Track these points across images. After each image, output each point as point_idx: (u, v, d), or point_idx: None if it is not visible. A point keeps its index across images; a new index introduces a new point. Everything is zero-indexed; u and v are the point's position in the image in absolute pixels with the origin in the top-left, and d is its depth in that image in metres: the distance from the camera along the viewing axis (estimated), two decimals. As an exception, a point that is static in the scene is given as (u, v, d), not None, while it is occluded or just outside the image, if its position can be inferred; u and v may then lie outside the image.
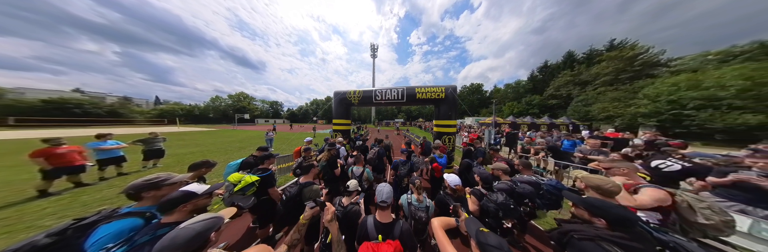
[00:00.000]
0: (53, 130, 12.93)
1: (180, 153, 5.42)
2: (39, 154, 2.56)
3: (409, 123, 35.52)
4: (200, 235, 0.58)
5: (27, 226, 1.87)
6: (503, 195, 1.19)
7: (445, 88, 3.58)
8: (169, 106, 33.52)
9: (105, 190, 2.76)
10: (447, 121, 3.61)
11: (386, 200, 0.94)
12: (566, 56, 25.66)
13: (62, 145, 2.73)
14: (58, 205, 2.28)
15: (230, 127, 21.72)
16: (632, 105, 11.83)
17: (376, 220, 0.91)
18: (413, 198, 1.21)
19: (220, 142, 8.20)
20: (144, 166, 3.81)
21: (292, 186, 1.32)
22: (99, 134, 3.28)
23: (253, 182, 1.32)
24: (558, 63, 26.57)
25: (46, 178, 2.58)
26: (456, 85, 3.81)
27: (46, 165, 2.58)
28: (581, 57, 24.07)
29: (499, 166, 1.53)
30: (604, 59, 17.67)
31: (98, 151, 3.18)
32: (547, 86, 23.73)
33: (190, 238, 0.56)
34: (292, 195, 1.22)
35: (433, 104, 3.92)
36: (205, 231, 0.59)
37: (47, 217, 2.03)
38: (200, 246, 0.58)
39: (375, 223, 0.90)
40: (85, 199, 2.46)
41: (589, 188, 0.96)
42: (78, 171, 2.82)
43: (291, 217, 1.28)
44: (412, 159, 2.18)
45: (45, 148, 2.61)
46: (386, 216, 0.93)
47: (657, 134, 3.96)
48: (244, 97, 41.51)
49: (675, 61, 14.73)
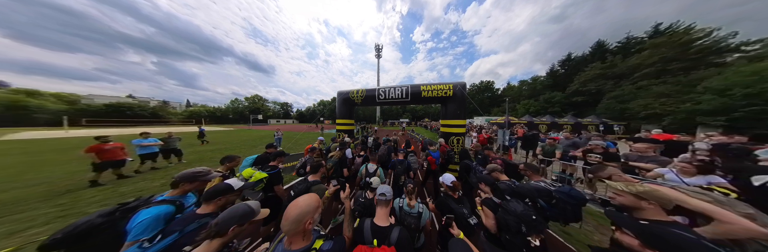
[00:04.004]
0: (111, 129, 15.28)
1: (201, 150, 6.03)
2: (91, 150, 3.00)
3: (414, 123, 34.76)
4: (252, 213, 0.70)
5: (77, 211, 2.17)
6: (520, 203, 0.99)
7: (452, 85, 3.37)
8: (196, 109, 38.91)
9: (139, 183, 3.12)
10: (455, 120, 3.39)
11: (386, 193, 0.93)
12: (595, 47, 22.81)
13: (109, 142, 3.17)
14: (102, 195, 2.63)
15: (246, 126, 23.99)
16: (688, 101, 9.83)
17: (373, 222, 0.89)
18: (405, 202, 1.12)
19: (236, 140, 8.87)
20: (170, 162, 4.23)
21: (300, 183, 1.36)
22: (142, 132, 3.75)
23: (261, 179, 1.41)
24: (584, 55, 23.74)
25: (96, 170, 3.00)
26: (465, 82, 3.54)
27: (97, 159, 3.00)
28: (614, 47, 21.13)
29: (493, 167, 1.44)
30: (648, 47, 15.03)
31: (140, 147, 3.62)
32: (571, 82, 21.19)
33: (247, 212, 0.68)
34: (300, 192, 1.25)
35: (439, 103, 3.72)
36: (252, 211, 0.70)
37: (92, 204, 2.35)
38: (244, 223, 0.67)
39: (372, 227, 0.87)
40: (123, 189, 2.81)
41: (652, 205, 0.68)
42: (120, 165, 3.24)
43: None
44: (408, 158, 2.25)
45: (96, 144, 3.05)
46: (384, 217, 0.90)
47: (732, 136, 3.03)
48: (258, 99, 45.73)
49: (754, 44, 11.80)
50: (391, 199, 0.95)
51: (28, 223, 1.93)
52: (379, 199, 0.93)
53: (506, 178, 1.38)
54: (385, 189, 0.97)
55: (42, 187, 2.93)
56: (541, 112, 20.75)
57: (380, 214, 0.91)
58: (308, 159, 2.08)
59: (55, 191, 2.75)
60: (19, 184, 3.09)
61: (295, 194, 1.26)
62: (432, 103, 3.93)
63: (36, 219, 2.00)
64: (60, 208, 2.25)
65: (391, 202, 0.96)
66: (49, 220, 1.97)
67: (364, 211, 1.10)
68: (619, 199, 0.77)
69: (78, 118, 22.20)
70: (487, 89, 38.01)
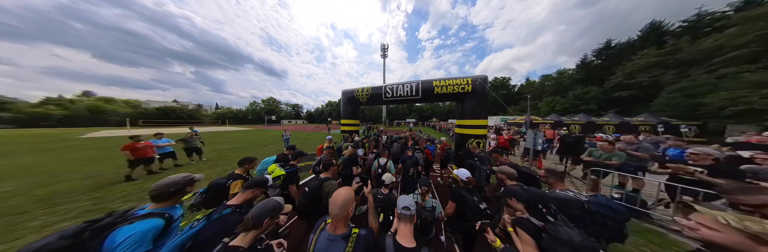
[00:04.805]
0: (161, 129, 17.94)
1: (220, 149, 6.51)
2: (126, 148, 3.31)
3: (421, 123, 33.60)
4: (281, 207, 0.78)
5: (103, 206, 2.35)
6: (575, 229, 0.73)
7: (472, 79, 2.93)
8: (222, 111, 45.10)
9: (163, 179, 3.36)
10: (474, 120, 2.94)
11: (409, 206, 0.83)
12: (647, 29, 18.74)
13: (141, 141, 3.47)
14: (130, 190, 2.85)
15: (262, 126, 26.47)
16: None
17: (396, 242, 0.74)
18: (419, 198, 1.26)
19: (252, 139, 9.52)
20: (192, 160, 4.54)
21: (314, 180, 1.45)
22: (157, 133, 4.01)
23: (279, 175, 1.56)
24: (630, 41, 19.73)
25: (131, 166, 3.30)
26: (486, 75, 3.01)
27: (130, 156, 3.31)
28: (678, 27, 16.99)
29: (504, 169, 1.33)
30: (735, 23, 11.35)
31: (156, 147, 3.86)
32: (611, 74, 17.79)
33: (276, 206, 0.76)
34: (314, 188, 1.34)
35: (454, 100, 3.29)
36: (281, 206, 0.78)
37: (118, 200, 2.53)
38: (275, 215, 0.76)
39: (396, 248, 0.72)
40: (148, 186, 3.02)
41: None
42: (150, 162, 3.53)
43: (312, 207, 1.35)
44: (415, 154, 2.52)
45: (130, 143, 3.36)
46: (409, 236, 0.76)
47: None
48: (272, 101, 50.55)
49: None
50: (415, 214, 0.84)
51: (63, 216, 2.11)
52: (402, 214, 0.82)
53: (513, 183, 1.28)
54: (409, 202, 0.86)
55: (93, 179, 3.34)
56: (571, 110, 18.11)
57: (404, 231, 0.77)
58: (323, 157, 2.23)
59: (99, 184, 3.10)
60: (80, 175, 3.59)
61: (309, 189, 1.35)
62: (446, 100, 3.49)
63: (70, 212, 2.20)
64: (93, 201, 2.47)
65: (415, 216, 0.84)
66: (78, 215, 2.14)
67: (384, 206, 1.20)
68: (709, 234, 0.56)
69: (137, 119, 27.11)
70: (503, 86, 34.78)
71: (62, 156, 5.41)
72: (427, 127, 24.89)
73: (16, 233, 1.83)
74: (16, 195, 2.72)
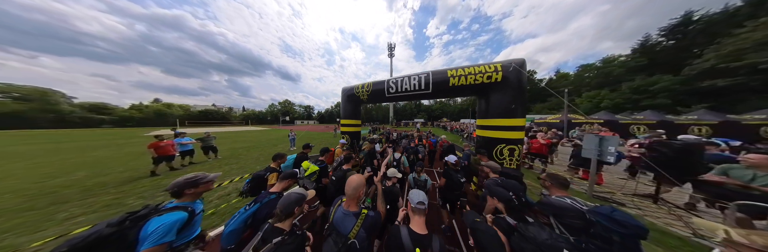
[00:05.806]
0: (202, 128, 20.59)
1: (235, 147, 6.94)
2: (151, 146, 3.58)
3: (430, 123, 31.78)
4: (304, 196, 0.90)
5: (119, 202, 2.46)
6: (545, 229, 0.80)
7: (502, 65, 2.23)
8: (248, 113, 53.79)
9: (180, 176, 3.57)
10: (506, 119, 2.20)
11: (424, 201, 0.94)
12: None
13: (164, 139, 3.75)
14: (148, 186, 3.00)
15: (277, 126, 29.45)
16: None
17: (411, 230, 0.84)
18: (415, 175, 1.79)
19: (264, 139, 10.13)
20: (208, 158, 4.80)
21: (338, 171, 1.72)
22: (179, 132, 4.27)
23: (315, 171, 1.78)
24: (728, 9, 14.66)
25: (155, 163, 3.56)
26: (523, 59, 2.26)
27: (154, 154, 3.57)
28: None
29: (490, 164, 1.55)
30: None
31: (180, 145, 4.15)
32: (694, 56, 13.67)
33: (298, 197, 0.86)
34: (339, 177, 1.58)
35: (475, 94, 2.62)
36: (303, 195, 0.90)
37: (135, 195, 2.66)
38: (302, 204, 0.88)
39: (411, 235, 0.82)
40: (164, 183, 3.19)
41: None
42: (171, 159, 3.78)
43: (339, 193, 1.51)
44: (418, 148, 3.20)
45: (154, 141, 3.64)
46: (422, 225, 0.87)
47: None
48: (288, 103, 57.58)
49: None
50: (426, 208, 0.94)
51: (87, 209, 2.26)
52: (416, 208, 0.92)
53: (496, 176, 1.45)
54: (422, 197, 0.96)
55: (127, 173, 3.71)
56: (627, 106, 14.26)
57: (417, 221, 0.89)
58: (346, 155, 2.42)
59: (131, 178, 3.41)
60: (122, 168, 4.07)
61: (336, 179, 1.59)
62: (463, 94, 2.88)
63: (94, 205, 2.35)
64: (115, 196, 2.64)
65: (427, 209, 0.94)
66: (98, 209, 2.27)
67: (387, 196, 1.35)
68: None
69: (184, 120, 33.90)
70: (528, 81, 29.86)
71: (123, 150, 6.42)
72: (437, 127, 23.39)
73: (44, 224, 1.98)
74: (75, 184, 3.10)
